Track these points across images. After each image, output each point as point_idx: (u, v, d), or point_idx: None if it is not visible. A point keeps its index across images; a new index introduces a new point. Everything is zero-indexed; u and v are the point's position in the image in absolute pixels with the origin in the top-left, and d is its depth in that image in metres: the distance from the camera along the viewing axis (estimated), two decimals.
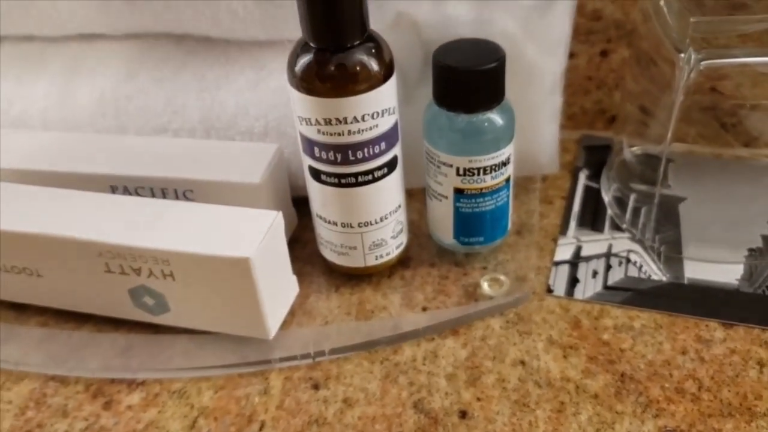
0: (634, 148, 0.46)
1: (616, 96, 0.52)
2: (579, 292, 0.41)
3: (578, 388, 0.36)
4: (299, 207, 0.45)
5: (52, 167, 0.42)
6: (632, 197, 0.45)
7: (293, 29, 0.38)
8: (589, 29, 0.49)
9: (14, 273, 0.40)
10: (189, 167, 0.41)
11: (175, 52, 0.45)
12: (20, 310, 0.42)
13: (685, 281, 0.41)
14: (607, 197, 0.47)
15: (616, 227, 0.45)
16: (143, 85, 0.45)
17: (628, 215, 0.45)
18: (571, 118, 0.53)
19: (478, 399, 0.36)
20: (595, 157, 0.51)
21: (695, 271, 0.42)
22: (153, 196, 0.41)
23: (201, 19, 0.42)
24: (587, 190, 0.48)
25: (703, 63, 0.37)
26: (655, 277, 0.41)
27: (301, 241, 0.45)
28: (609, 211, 0.46)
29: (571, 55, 0.49)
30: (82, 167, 0.42)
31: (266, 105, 0.43)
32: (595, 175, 0.49)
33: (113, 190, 0.42)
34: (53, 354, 0.40)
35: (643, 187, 0.45)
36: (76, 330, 0.41)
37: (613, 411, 0.35)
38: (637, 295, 0.40)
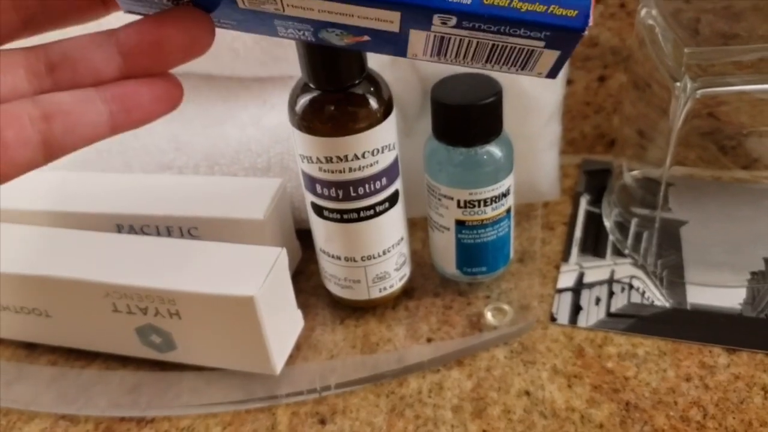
0: (634, 172, 0.46)
1: (615, 120, 0.52)
2: (582, 320, 0.41)
3: (583, 418, 0.36)
4: (303, 239, 0.45)
5: (58, 207, 0.43)
6: (634, 222, 0.45)
7: (293, 66, 0.38)
8: (586, 56, 0.49)
9: (24, 314, 0.40)
10: (193, 205, 0.41)
11: None
12: (31, 348, 0.43)
13: (688, 306, 0.41)
14: (608, 222, 0.47)
15: (618, 252, 0.45)
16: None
17: (629, 240, 0.45)
18: (570, 143, 0.53)
19: (484, 431, 0.36)
20: (596, 181, 0.51)
21: (698, 296, 0.42)
22: (158, 234, 0.42)
23: (202, 58, 0.43)
24: (588, 215, 0.48)
25: (699, 92, 0.38)
26: (657, 303, 0.42)
27: (306, 273, 0.46)
28: (611, 237, 0.46)
29: (569, 82, 0.50)
30: (88, 207, 0.43)
31: (269, 140, 0.43)
32: (596, 200, 0.49)
33: (119, 228, 0.42)
34: (63, 393, 0.40)
35: (644, 212, 0.45)
36: (86, 368, 0.42)
37: None
38: (640, 321, 0.41)
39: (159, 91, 0.24)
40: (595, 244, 0.46)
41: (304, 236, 0.45)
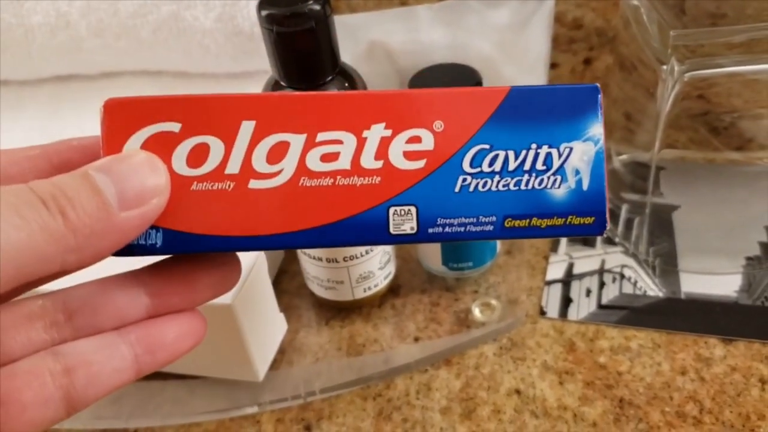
0: (623, 156, 0.45)
1: (603, 103, 0.51)
2: (573, 313, 0.40)
3: (576, 417, 0.35)
4: None
5: None
6: (624, 208, 0.44)
7: (267, 61, 0.37)
8: (570, 38, 0.48)
9: None
10: None
11: (151, 88, 0.44)
12: None
13: (682, 296, 0.40)
14: None
15: (609, 241, 0.44)
16: None
17: (620, 228, 0.44)
18: None
19: None
20: None
21: (692, 284, 0.41)
22: None
23: (174, 56, 0.41)
24: None
25: (687, 74, 0.36)
26: (650, 293, 0.40)
27: (290, 272, 0.44)
28: None
29: (554, 65, 0.49)
30: None
31: None
32: None
33: None
34: None
35: (634, 197, 0.44)
36: None
37: None
38: (632, 313, 0.39)
39: (185, 328, 0.22)
40: None
41: None
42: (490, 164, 0.21)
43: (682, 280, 0.41)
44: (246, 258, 0.36)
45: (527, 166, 0.21)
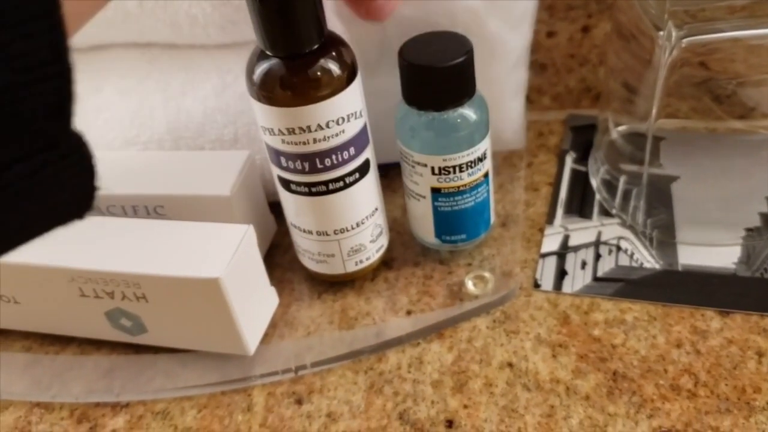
0: (621, 127, 0.44)
1: (601, 72, 0.49)
2: (567, 286, 0.39)
3: (568, 390, 0.35)
4: (279, 211, 0.43)
5: None
6: (622, 179, 0.43)
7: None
8: (568, 5, 0.47)
9: None
10: (158, 182, 0.40)
11: (140, 61, 0.44)
12: (5, 334, 0.42)
13: (680, 268, 0.39)
14: (595, 181, 0.45)
15: (606, 213, 0.43)
16: (110, 98, 0.43)
17: (618, 199, 0.43)
18: (555, 98, 0.51)
19: (465, 406, 0.35)
20: (583, 137, 0.49)
21: (690, 256, 0.40)
22: (124, 213, 0.40)
23: (161, 27, 0.41)
24: (574, 174, 0.46)
25: (684, 40, 0.35)
26: (647, 265, 0.40)
27: (282, 246, 0.44)
28: (597, 196, 0.44)
29: (552, 34, 0.47)
30: None
31: (234, 111, 0.41)
32: (582, 158, 0.47)
33: None
34: (37, 379, 0.39)
35: (633, 168, 0.43)
36: (60, 353, 0.40)
37: (606, 413, 0.34)
38: (628, 285, 0.39)
39: None
40: (581, 204, 0.44)
41: (279, 208, 0.43)
42: None
43: (680, 251, 0.40)
44: (234, 232, 0.36)
45: None
